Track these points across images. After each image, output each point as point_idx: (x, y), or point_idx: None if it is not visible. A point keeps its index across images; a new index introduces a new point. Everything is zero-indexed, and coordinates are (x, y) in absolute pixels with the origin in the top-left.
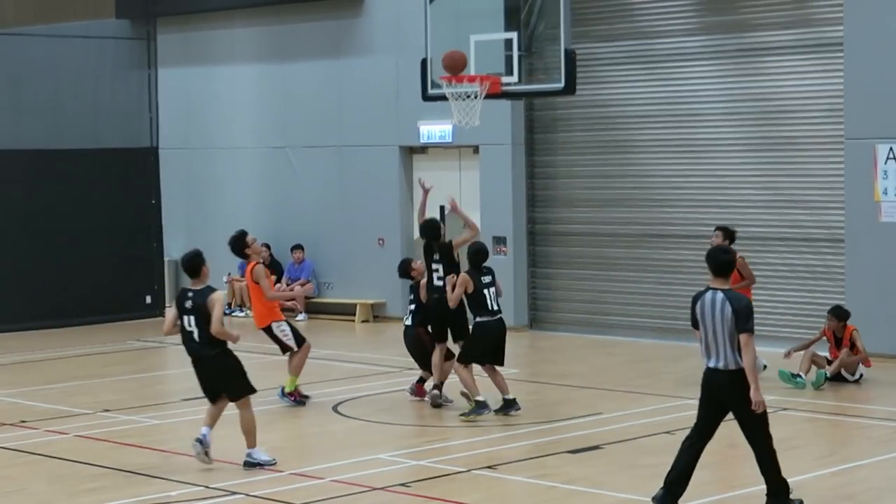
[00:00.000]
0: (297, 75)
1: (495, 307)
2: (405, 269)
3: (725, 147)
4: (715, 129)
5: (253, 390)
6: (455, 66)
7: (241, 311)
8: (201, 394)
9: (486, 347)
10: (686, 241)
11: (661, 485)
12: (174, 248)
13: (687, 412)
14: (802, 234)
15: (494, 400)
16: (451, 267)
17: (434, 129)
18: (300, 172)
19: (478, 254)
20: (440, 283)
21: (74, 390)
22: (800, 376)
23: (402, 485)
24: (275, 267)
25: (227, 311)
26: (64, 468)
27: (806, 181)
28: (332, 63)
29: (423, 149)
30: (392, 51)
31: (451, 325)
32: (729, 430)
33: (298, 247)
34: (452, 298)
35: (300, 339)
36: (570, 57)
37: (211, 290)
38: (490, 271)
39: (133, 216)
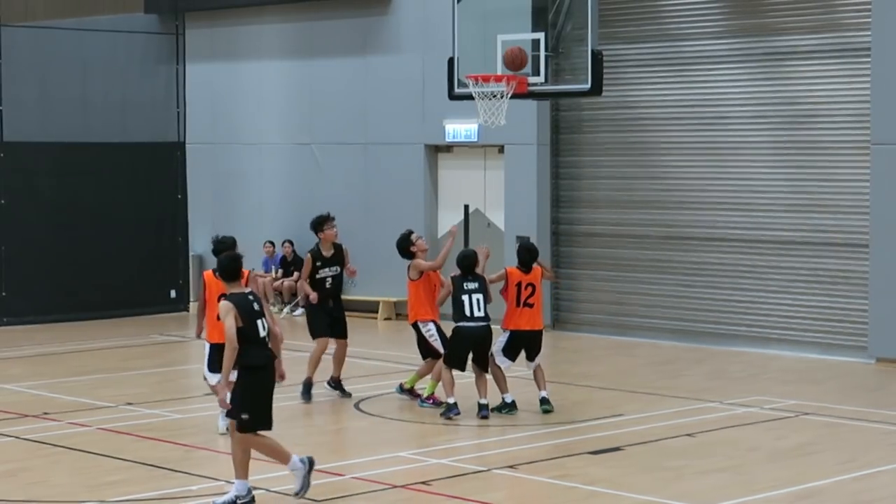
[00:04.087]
0: (324, 72)
1: (477, 313)
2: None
3: (751, 150)
4: (740, 132)
5: None
6: (515, 62)
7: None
8: None
9: (463, 353)
10: (709, 244)
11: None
12: (199, 244)
13: (708, 415)
14: (827, 239)
15: (525, 401)
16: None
17: (459, 128)
18: (325, 169)
19: (465, 259)
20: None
21: (98, 383)
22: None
23: (423, 483)
24: (297, 264)
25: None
26: (86, 461)
27: (831, 185)
28: (359, 61)
29: (449, 148)
30: (419, 49)
31: None
32: (749, 432)
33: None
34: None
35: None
36: (597, 58)
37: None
38: (478, 278)
39: (159, 211)
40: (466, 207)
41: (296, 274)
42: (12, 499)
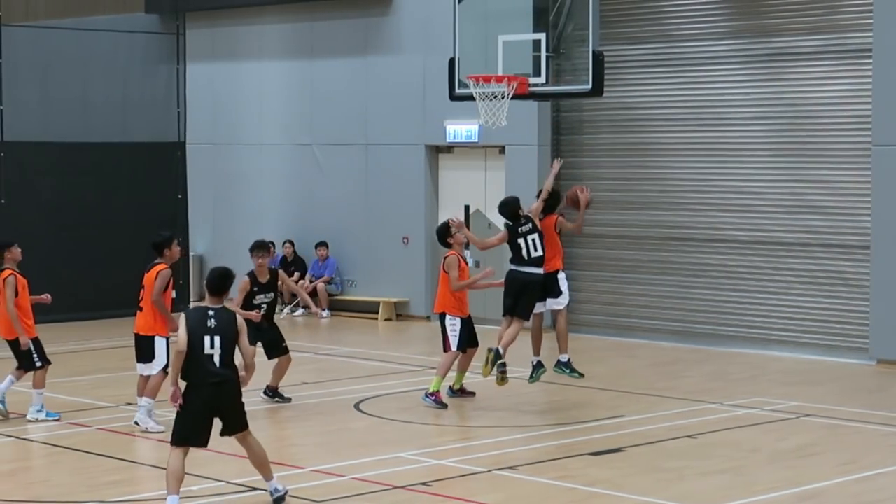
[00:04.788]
0: (325, 72)
1: (534, 254)
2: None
3: (751, 152)
4: (741, 133)
5: None
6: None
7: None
8: None
9: (507, 298)
10: (710, 246)
11: None
12: (200, 244)
13: (709, 416)
14: (828, 241)
15: (526, 401)
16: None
17: (460, 129)
18: (326, 170)
19: (504, 206)
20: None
21: (98, 383)
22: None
23: (423, 484)
24: (298, 264)
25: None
26: (86, 461)
27: (832, 187)
28: (360, 61)
29: (450, 148)
30: (420, 50)
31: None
32: (750, 433)
33: (323, 244)
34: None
35: None
36: (598, 59)
37: (229, 310)
38: (529, 219)
39: (160, 210)
40: (467, 208)
41: (296, 274)
42: (13, 499)
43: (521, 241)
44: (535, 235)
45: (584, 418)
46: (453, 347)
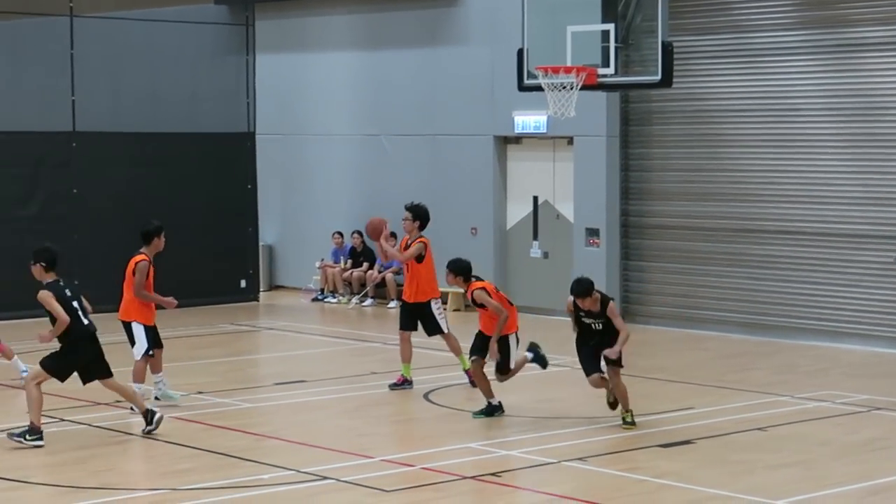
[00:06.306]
0: (393, 64)
1: None
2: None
3: (822, 143)
4: (811, 124)
5: None
6: (374, 232)
7: (334, 296)
8: (293, 378)
9: None
10: (780, 237)
11: None
12: (269, 234)
13: (778, 409)
14: None
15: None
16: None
17: (529, 120)
18: (393, 160)
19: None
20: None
21: (169, 372)
22: None
23: (493, 474)
24: (367, 255)
25: (319, 297)
26: (156, 449)
27: None
28: (428, 52)
29: (518, 139)
30: (488, 41)
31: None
32: (819, 426)
33: (391, 234)
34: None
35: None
36: (668, 49)
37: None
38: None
39: (229, 201)
40: (535, 199)
41: (365, 265)
42: (84, 485)
43: None
44: None
45: (653, 410)
46: (445, 329)
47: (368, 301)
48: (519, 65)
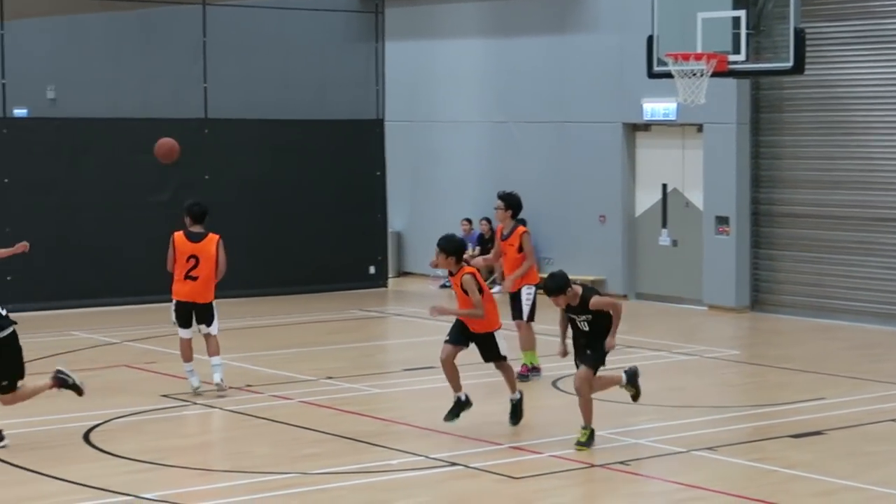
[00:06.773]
0: (522, 51)
1: None
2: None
3: None
4: None
5: None
6: (168, 153)
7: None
8: (422, 364)
9: None
10: None
11: None
12: (397, 221)
13: None
14: None
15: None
16: None
17: (658, 107)
18: (521, 147)
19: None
20: None
21: (298, 357)
22: None
23: (621, 462)
24: (494, 241)
25: (447, 284)
26: (287, 433)
27: None
28: (557, 39)
29: (647, 126)
30: (617, 28)
31: None
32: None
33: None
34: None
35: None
36: (800, 36)
37: None
38: None
39: (358, 187)
40: (664, 187)
41: (493, 252)
42: (216, 468)
43: None
44: None
45: (784, 400)
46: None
47: (496, 288)
48: (649, 52)
